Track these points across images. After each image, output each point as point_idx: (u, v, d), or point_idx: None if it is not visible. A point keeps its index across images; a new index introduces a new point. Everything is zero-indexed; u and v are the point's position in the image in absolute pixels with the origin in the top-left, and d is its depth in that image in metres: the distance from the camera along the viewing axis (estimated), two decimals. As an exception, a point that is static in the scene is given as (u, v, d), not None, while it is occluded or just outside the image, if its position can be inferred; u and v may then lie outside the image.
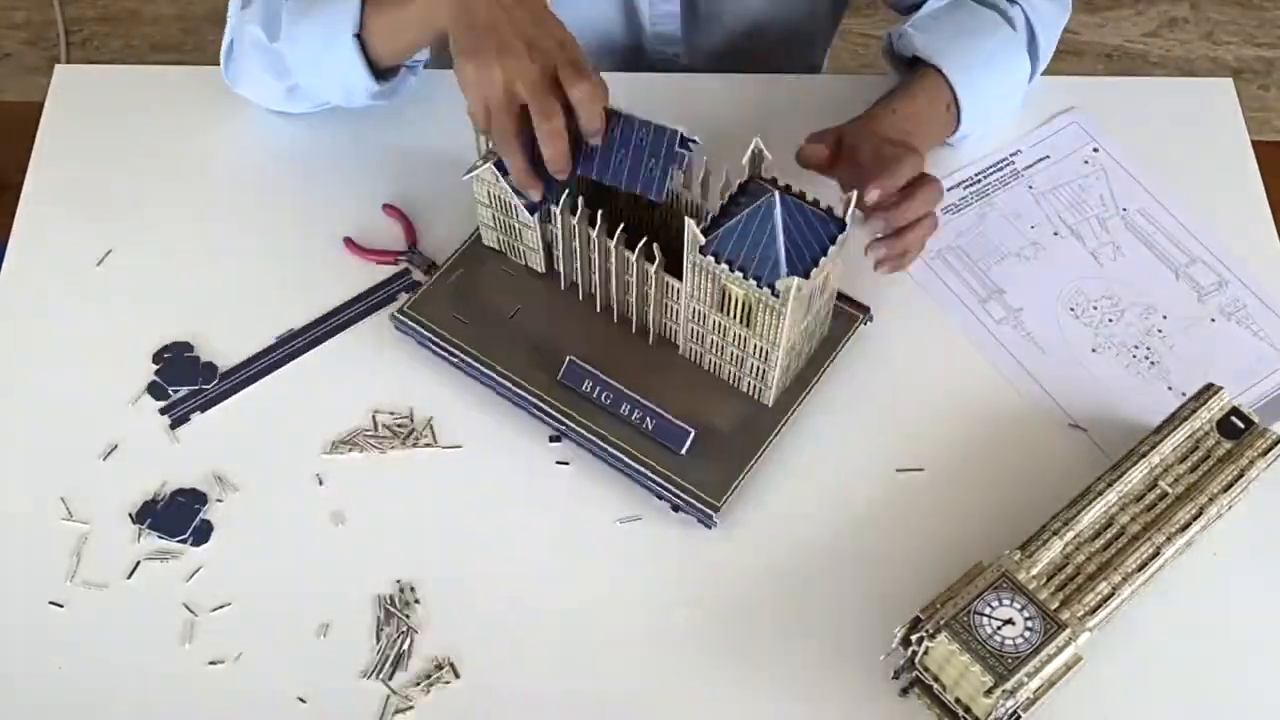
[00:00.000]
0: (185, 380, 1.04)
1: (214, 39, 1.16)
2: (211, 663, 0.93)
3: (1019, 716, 0.86)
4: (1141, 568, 0.91)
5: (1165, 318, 1.09)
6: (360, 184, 1.15)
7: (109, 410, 1.03)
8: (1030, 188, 1.16)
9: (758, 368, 0.98)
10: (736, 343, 0.97)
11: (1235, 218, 1.15)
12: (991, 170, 1.18)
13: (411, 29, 1.03)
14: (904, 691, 0.92)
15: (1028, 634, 0.86)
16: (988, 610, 0.87)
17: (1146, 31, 2.41)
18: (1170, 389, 1.05)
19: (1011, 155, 1.18)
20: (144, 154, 1.17)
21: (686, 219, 0.90)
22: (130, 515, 0.98)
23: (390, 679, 0.92)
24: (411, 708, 0.91)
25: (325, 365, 1.05)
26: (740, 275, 0.90)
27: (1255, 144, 1.20)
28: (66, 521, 0.98)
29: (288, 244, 1.12)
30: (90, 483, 1.00)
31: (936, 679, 0.89)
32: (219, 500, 0.99)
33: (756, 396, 1.00)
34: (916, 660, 0.89)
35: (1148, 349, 1.07)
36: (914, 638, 0.87)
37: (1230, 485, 0.94)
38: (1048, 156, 1.18)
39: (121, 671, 0.92)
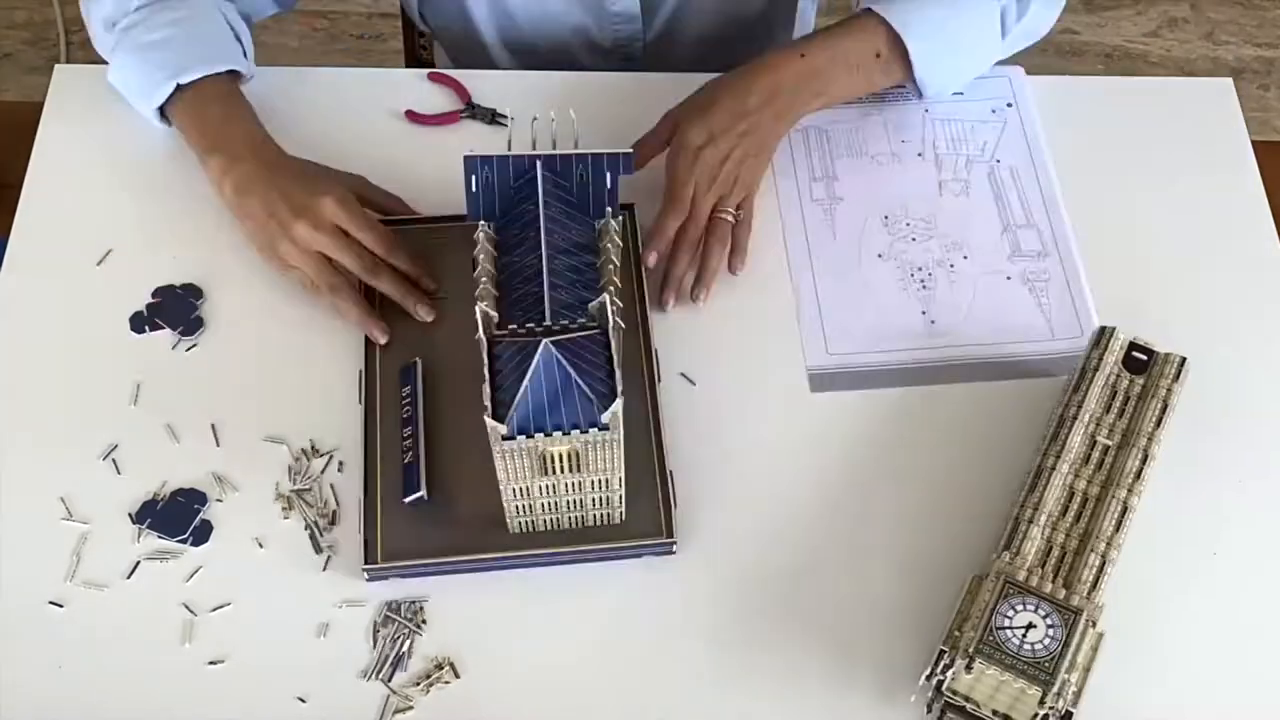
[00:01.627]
0: (185, 380, 1.04)
1: (214, 39, 1.15)
2: (211, 663, 0.93)
3: (1071, 715, 0.86)
4: (1119, 527, 0.92)
5: (965, 258, 1.12)
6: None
7: (109, 410, 1.03)
8: (926, 111, 1.19)
9: (602, 499, 0.94)
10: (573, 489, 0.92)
11: (1235, 218, 1.15)
12: (900, 85, 1.19)
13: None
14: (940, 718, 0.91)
15: (1051, 632, 0.86)
16: (1006, 623, 0.87)
17: (1146, 31, 2.41)
18: (924, 313, 1.09)
19: None
20: (144, 154, 1.17)
21: (487, 419, 0.85)
22: (130, 515, 0.98)
23: (390, 679, 0.92)
24: (411, 707, 0.91)
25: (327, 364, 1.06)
26: (560, 433, 0.86)
27: (1255, 144, 1.20)
28: (66, 521, 0.98)
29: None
30: (90, 482, 1.00)
31: (968, 699, 0.88)
32: (219, 500, 0.99)
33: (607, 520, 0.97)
34: (944, 688, 0.88)
35: (929, 275, 1.10)
36: (940, 669, 0.87)
37: (1161, 420, 0.96)
38: (961, 93, 1.20)
39: (121, 671, 0.92)
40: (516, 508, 0.93)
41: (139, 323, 1.07)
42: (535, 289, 0.91)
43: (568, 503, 0.93)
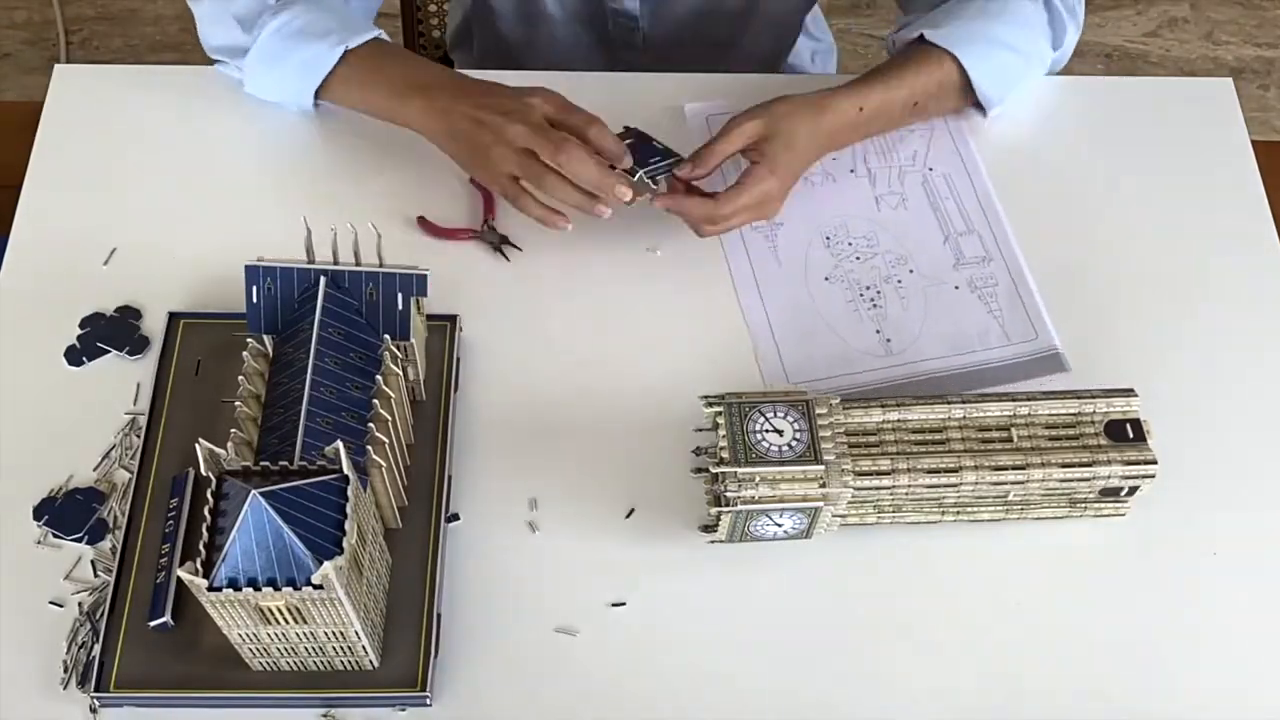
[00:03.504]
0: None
1: (214, 39, 1.15)
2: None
3: (747, 516, 0.91)
4: (932, 472, 0.92)
5: (912, 271, 1.11)
6: (378, 180, 1.15)
7: (111, 411, 1.03)
8: None
9: (342, 647, 0.87)
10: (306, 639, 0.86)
11: (1235, 218, 1.15)
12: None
13: (384, 116, 1.12)
14: (696, 471, 0.96)
15: (783, 449, 0.91)
16: (770, 413, 0.92)
17: (1146, 31, 2.40)
18: (878, 333, 1.08)
19: None
20: (144, 153, 1.17)
21: (182, 571, 0.78)
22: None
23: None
24: None
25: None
26: (271, 589, 0.79)
27: (1255, 144, 1.20)
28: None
29: (297, 242, 1.11)
30: (92, 484, 1.00)
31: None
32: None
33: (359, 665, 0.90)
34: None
35: (878, 292, 1.10)
36: (708, 406, 0.93)
37: (1069, 465, 0.93)
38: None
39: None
40: (249, 650, 0.87)
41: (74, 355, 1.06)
42: (295, 417, 0.88)
43: (306, 648, 0.86)
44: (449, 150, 1.09)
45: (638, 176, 1.04)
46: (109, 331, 1.06)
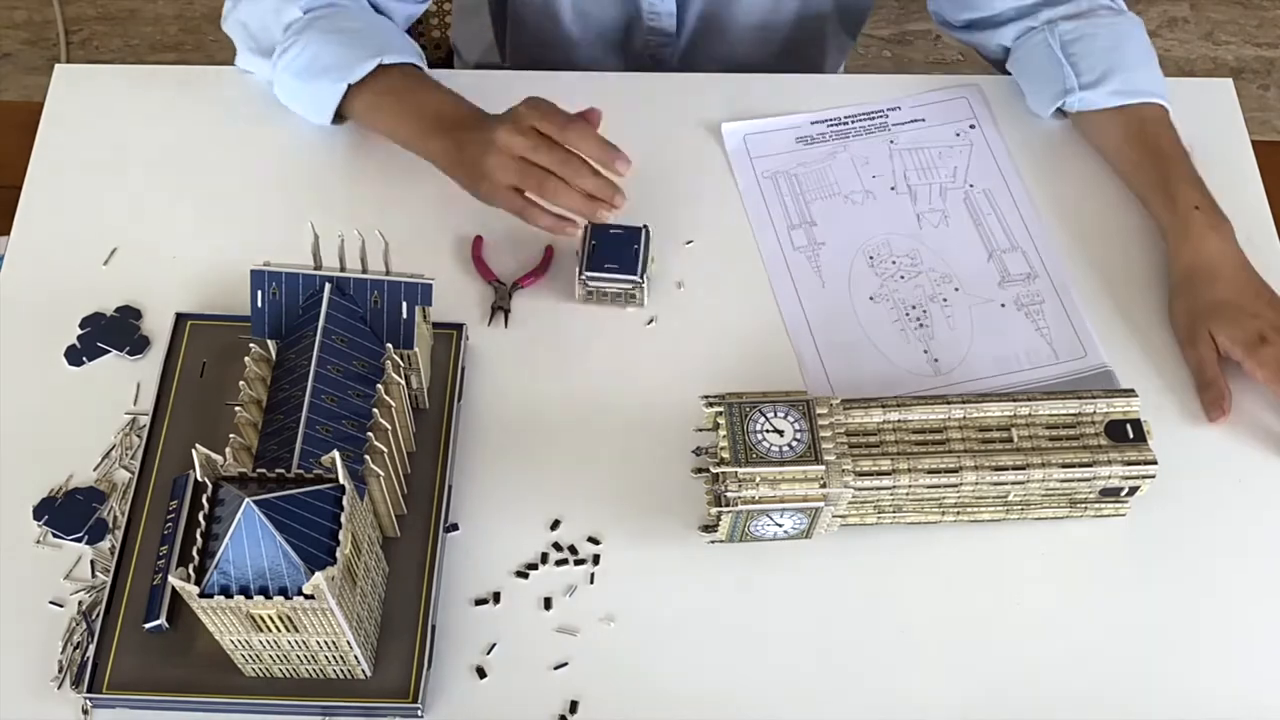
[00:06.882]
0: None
1: (214, 39, 1.16)
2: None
3: (747, 516, 0.92)
4: (933, 472, 0.92)
5: (957, 290, 1.10)
6: (357, 190, 1.15)
7: (111, 411, 1.03)
8: (892, 142, 1.18)
9: (335, 656, 0.86)
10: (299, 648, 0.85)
11: (1235, 218, 1.15)
12: (861, 118, 1.19)
13: (402, 144, 1.11)
14: (697, 471, 0.95)
15: (784, 449, 0.91)
16: (770, 413, 0.92)
17: (1147, 31, 2.40)
18: (926, 352, 1.06)
19: (888, 110, 1.20)
20: (144, 153, 1.16)
21: (172, 577, 0.79)
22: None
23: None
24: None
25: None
26: (263, 597, 0.79)
27: (1255, 144, 1.20)
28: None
29: (296, 244, 1.11)
30: (92, 484, 1.00)
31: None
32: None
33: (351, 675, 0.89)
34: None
35: (924, 311, 1.08)
36: (709, 406, 0.93)
37: (1070, 465, 0.93)
38: (923, 120, 1.20)
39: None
40: (242, 657, 0.87)
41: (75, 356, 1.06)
42: (295, 423, 0.88)
43: (298, 656, 0.86)
44: (453, 177, 1.07)
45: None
46: (109, 331, 1.06)
